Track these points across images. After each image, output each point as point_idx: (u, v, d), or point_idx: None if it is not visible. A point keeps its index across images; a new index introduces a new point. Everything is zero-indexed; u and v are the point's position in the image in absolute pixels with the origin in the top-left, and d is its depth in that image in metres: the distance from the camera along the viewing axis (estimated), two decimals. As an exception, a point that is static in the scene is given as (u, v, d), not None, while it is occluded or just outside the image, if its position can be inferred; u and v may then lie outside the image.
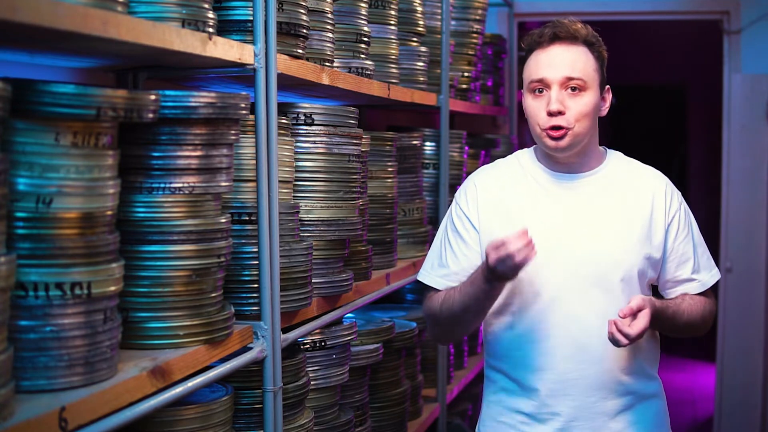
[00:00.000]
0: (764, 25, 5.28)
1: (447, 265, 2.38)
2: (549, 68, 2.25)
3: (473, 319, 2.33)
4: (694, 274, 2.37)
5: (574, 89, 2.24)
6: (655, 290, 2.42)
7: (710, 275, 2.40)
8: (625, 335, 2.12)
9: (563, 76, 2.24)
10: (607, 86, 2.35)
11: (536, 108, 2.26)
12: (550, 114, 2.23)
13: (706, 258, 2.41)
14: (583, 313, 2.27)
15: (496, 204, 2.35)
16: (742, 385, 5.46)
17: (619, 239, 2.29)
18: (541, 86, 2.26)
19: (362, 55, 2.94)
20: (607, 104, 2.35)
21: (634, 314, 2.15)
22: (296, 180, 2.52)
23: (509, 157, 2.46)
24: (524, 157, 2.41)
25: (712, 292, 2.44)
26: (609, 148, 2.46)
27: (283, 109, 2.52)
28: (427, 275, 2.42)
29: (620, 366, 2.29)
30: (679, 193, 2.41)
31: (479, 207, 2.36)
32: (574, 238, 2.29)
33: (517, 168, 2.39)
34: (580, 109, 2.24)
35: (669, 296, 2.39)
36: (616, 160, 2.40)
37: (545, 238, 2.27)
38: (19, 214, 1.51)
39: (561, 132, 2.23)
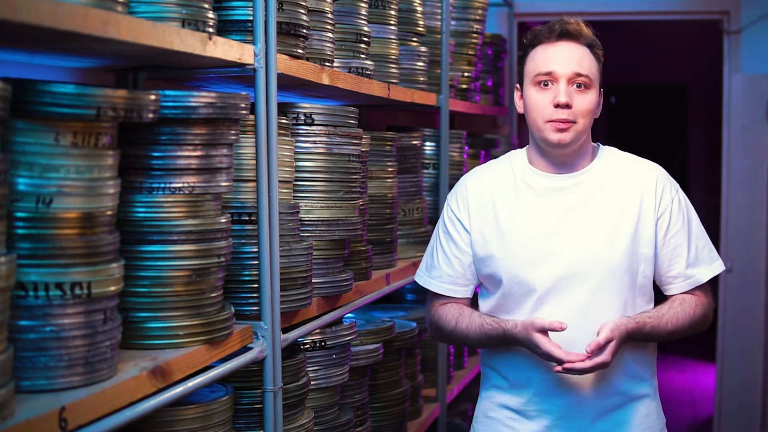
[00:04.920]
0: (764, 25, 5.28)
1: (440, 267, 2.43)
2: (558, 62, 2.26)
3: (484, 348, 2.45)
4: (689, 268, 2.34)
5: (580, 86, 2.26)
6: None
7: (709, 269, 2.36)
8: (579, 370, 2.18)
9: (572, 72, 2.25)
10: (601, 89, 2.36)
11: (541, 101, 2.27)
12: (558, 105, 2.24)
13: (707, 251, 2.37)
14: (570, 313, 2.28)
15: (486, 205, 2.37)
16: (742, 385, 5.46)
17: (607, 238, 2.29)
18: (548, 79, 2.26)
19: (362, 55, 2.93)
20: (600, 106, 2.36)
21: (601, 348, 2.18)
22: (296, 180, 2.52)
23: (502, 157, 2.48)
24: (516, 157, 2.42)
25: (710, 286, 2.39)
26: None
27: (283, 109, 2.52)
28: (422, 277, 2.49)
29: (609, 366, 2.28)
30: (676, 185, 2.38)
31: (470, 208, 2.39)
32: (562, 238, 2.30)
33: (507, 169, 2.41)
34: (585, 105, 2.26)
35: (666, 293, 2.38)
36: (607, 157, 2.40)
37: (533, 240, 2.31)
38: (19, 214, 1.50)
39: (567, 125, 2.25)
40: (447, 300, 2.43)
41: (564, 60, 2.26)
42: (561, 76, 2.25)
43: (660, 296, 2.40)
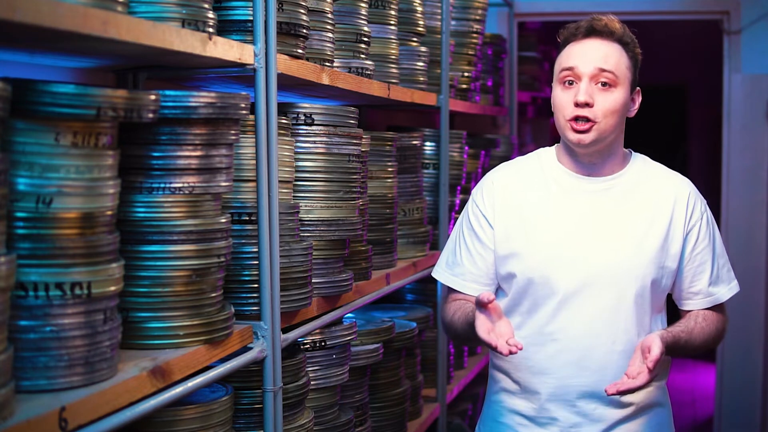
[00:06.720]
0: (764, 25, 5.28)
1: (462, 264, 2.36)
2: (581, 58, 2.22)
3: (478, 344, 2.34)
4: (711, 286, 2.32)
5: (604, 84, 2.21)
6: (669, 300, 2.38)
7: (728, 288, 2.35)
8: (635, 388, 2.09)
9: (595, 67, 2.20)
10: (638, 88, 2.31)
11: (564, 99, 2.23)
12: (577, 105, 2.20)
13: (726, 270, 2.36)
14: (590, 320, 2.24)
15: (513, 203, 2.32)
16: (742, 385, 5.46)
17: (635, 247, 2.25)
18: (571, 76, 2.22)
19: (362, 55, 2.93)
20: (636, 106, 2.30)
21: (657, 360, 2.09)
22: (296, 180, 2.52)
23: (530, 154, 2.42)
24: (546, 156, 2.37)
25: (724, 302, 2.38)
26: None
27: (283, 109, 2.52)
28: (442, 273, 2.42)
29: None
30: (704, 201, 2.35)
31: (496, 205, 2.33)
32: (589, 243, 2.25)
33: (536, 167, 2.35)
34: (608, 105, 2.21)
35: (683, 308, 2.35)
36: (639, 165, 2.35)
37: (559, 241, 2.25)
38: (19, 214, 1.50)
39: (587, 126, 2.20)
40: (462, 297, 2.36)
41: (587, 57, 2.21)
42: (583, 74, 2.20)
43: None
